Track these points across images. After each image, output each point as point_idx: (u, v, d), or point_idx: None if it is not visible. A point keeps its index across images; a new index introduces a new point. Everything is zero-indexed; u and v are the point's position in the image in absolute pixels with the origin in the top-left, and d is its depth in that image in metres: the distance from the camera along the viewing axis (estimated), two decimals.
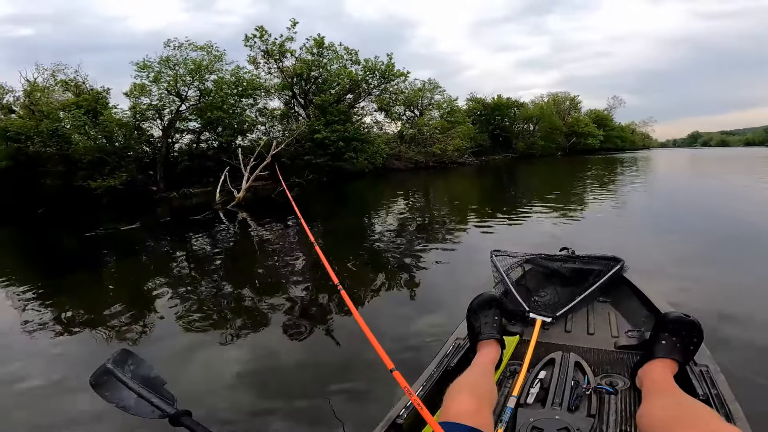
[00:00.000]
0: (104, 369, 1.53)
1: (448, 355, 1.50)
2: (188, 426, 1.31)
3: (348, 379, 2.03)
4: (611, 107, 54.19)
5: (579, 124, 42.80)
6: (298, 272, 4.39)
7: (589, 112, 48.89)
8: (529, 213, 6.80)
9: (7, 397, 2.16)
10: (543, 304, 1.92)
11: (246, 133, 20.19)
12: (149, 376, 1.51)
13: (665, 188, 10.94)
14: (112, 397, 1.42)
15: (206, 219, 8.94)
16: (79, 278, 4.98)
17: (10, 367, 2.51)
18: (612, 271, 2.03)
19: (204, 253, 5.85)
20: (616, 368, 1.43)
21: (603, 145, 45.38)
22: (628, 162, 21.21)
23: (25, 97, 18.72)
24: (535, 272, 2.33)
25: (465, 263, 4.15)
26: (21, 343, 2.92)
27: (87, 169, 17.47)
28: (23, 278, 5.23)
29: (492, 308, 1.53)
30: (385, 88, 21.72)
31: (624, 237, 4.87)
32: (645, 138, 66.94)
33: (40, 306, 3.76)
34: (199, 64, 17.67)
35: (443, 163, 24.57)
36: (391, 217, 7.95)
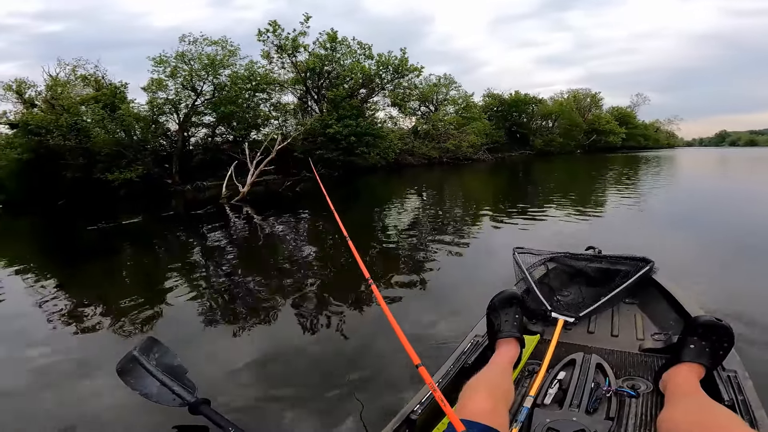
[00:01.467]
0: (131, 356, 1.67)
1: (466, 352, 1.49)
2: (206, 415, 1.40)
3: (365, 372, 2.00)
4: (635, 105, 52.80)
5: (600, 121, 41.64)
6: (308, 264, 4.32)
7: (611, 110, 47.59)
8: (546, 211, 6.51)
9: (25, 381, 2.18)
10: (566, 304, 1.87)
11: (260, 128, 20.32)
12: (173, 365, 1.65)
13: (690, 189, 10.38)
14: (137, 385, 1.57)
15: (208, 213, 8.95)
16: (86, 269, 5.04)
17: (28, 353, 2.54)
18: (641, 272, 1.94)
19: (203, 246, 5.83)
20: (639, 371, 1.39)
21: (625, 143, 44.08)
22: (650, 161, 20.41)
23: (47, 91, 19.24)
24: (559, 271, 2.27)
25: (480, 260, 4.01)
26: (32, 326, 2.98)
27: (105, 162, 17.88)
28: (39, 266, 5.37)
29: (513, 306, 1.51)
30: (399, 83, 21.49)
31: (646, 238, 4.57)
32: (670, 136, 64.87)
33: (51, 293, 3.81)
34: (213, 59, 17.80)
35: (457, 159, 24.21)
36: (404, 212, 7.78)
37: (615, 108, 48.62)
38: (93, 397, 1.96)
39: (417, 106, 27.43)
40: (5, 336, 2.87)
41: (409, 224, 6.31)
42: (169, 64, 18.06)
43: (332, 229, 6.18)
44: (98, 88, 19.50)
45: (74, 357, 2.40)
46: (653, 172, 14.17)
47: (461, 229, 5.75)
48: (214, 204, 10.37)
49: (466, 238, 5.09)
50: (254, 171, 11.30)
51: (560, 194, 8.72)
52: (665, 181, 10.99)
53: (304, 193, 12.48)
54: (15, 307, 3.53)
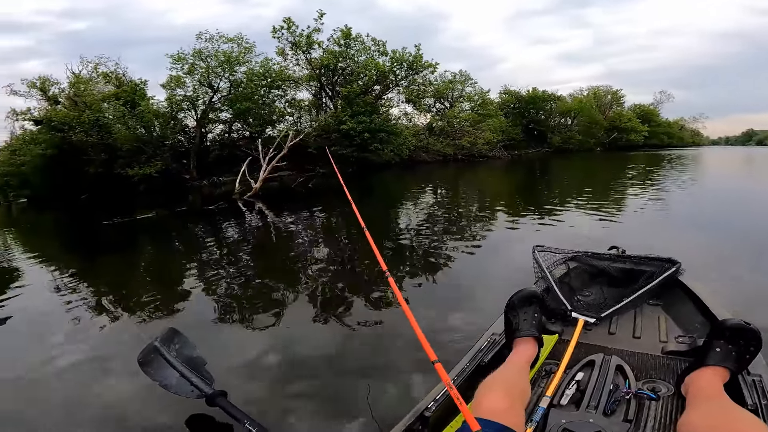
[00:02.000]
0: (152, 347, 1.71)
1: (483, 350, 1.48)
2: (223, 407, 1.42)
3: (379, 367, 1.99)
4: (658, 102, 51.20)
5: (621, 118, 40.60)
6: (319, 259, 4.33)
7: (633, 107, 46.33)
8: (563, 210, 6.32)
9: (45, 372, 2.22)
10: (586, 304, 1.83)
11: (275, 124, 20.46)
12: (192, 356, 1.68)
13: (715, 189, 9.91)
14: (157, 376, 1.60)
15: (220, 209, 9.04)
16: (102, 262, 5.17)
17: (47, 342, 2.59)
18: (666, 274, 1.88)
19: (214, 241, 5.91)
20: (660, 374, 1.35)
21: (647, 141, 42.82)
22: (674, 159, 19.72)
23: (70, 88, 19.77)
24: (580, 270, 2.21)
25: (495, 258, 3.94)
26: (53, 317, 3.07)
27: (126, 158, 18.32)
28: (58, 258, 5.57)
29: (532, 305, 1.48)
30: (413, 79, 21.34)
31: (668, 239, 4.38)
32: (695, 135, 62.79)
33: (68, 284, 3.94)
34: (229, 56, 17.98)
35: (472, 156, 23.93)
36: (418, 209, 7.69)
37: (637, 105, 47.31)
38: (111, 387, 2.00)
39: (432, 103, 27.23)
40: (28, 326, 2.96)
41: (423, 221, 6.22)
42: (186, 62, 18.36)
43: (344, 224, 6.17)
44: (119, 85, 19.96)
45: (90, 347, 2.44)
46: (676, 171, 13.67)
47: (475, 226, 5.64)
48: (226, 200, 10.51)
49: (480, 235, 5.00)
50: (266, 167, 11.37)
51: (578, 193, 8.45)
52: (689, 180, 10.56)
53: (316, 189, 12.53)
54: (36, 298, 3.63)
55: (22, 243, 7.75)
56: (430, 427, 1.14)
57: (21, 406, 1.89)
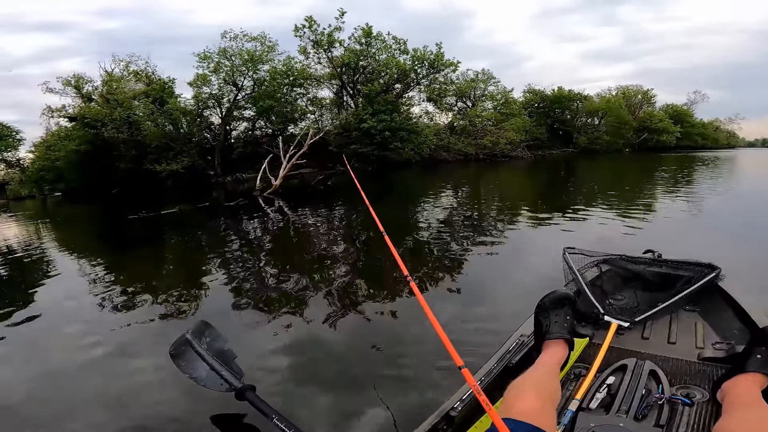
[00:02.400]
0: (183, 339, 1.72)
1: (511, 352, 1.46)
2: (252, 401, 1.43)
3: (403, 370, 1.96)
4: (692, 102, 49.06)
5: (652, 119, 39.12)
6: (338, 258, 4.28)
7: (665, 107, 44.59)
8: (589, 212, 6.01)
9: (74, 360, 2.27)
10: (619, 308, 1.78)
11: (297, 122, 20.69)
12: (223, 349, 1.69)
13: (755, 192, 9.36)
14: (187, 368, 1.61)
15: (240, 205, 9.20)
16: (128, 254, 5.35)
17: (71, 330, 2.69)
18: (706, 279, 1.82)
19: (233, 237, 5.99)
20: (696, 380, 1.31)
21: (680, 142, 41.17)
22: (708, 162, 18.80)
23: (103, 86, 20.54)
24: (613, 274, 2.14)
25: (519, 261, 3.79)
26: (80, 306, 3.17)
27: (155, 154, 18.91)
28: (88, 250, 5.80)
29: (564, 307, 1.44)
30: (434, 78, 21.16)
31: (705, 245, 4.17)
32: (730, 136, 59.97)
33: (96, 275, 4.09)
34: (252, 55, 18.27)
35: (494, 155, 23.57)
36: (438, 209, 7.52)
37: (670, 105, 45.48)
38: (139, 379, 2.02)
39: (454, 102, 26.96)
40: (55, 315, 3.05)
41: (444, 221, 6.09)
42: (212, 60, 18.77)
43: (363, 224, 6.14)
44: (149, 83, 20.61)
45: (113, 339, 2.50)
46: (711, 173, 13.02)
47: (498, 228, 5.44)
48: (247, 196, 10.67)
49: (503, 237, 4.83)
50: (287, 164, 11.50)
51: (605, 195, 8.09)
52: (725, 183, 10.01)
53: (336, 187, 12.57)
54: (63, 287, 3.78)
55: (55, 234, 8.11)
56: (455, 427, 1.14)
57: (48, 395, 1.93)
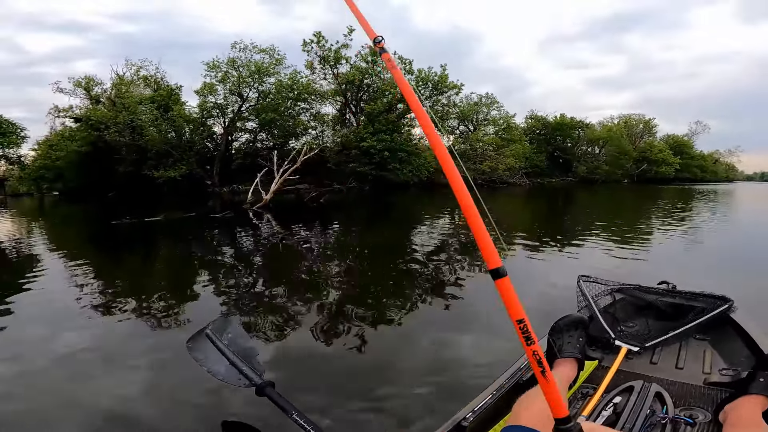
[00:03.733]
0: (203, 334, 1.72)
1: (522, 369, 1.48)
2: (271, 397, 1.45)
3: (393, 387, 1.96)
4: (692, 133, 49.42)
5: (652, 149, 39.42)
6: (312, 281, 4.25)
7: (665, 138, 44.99)
8: (586, 244, 6.04)
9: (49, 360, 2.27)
10: (630, 334, 1.84)
11: (298, 136, 20.86)
12: (245, 346, 1.69)
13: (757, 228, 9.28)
14: (205, 362, 1.61)
15: (225, 218, 9.20)
16: (96, 260, 5.29)
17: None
18: (718, 310, 1.87)
19: (208, 250, 5.95)
20: (700, 403, 1.35)
21: (679, 174, 41.43)
22: (707, 196, 18.80)
23: (112, 89, 20.80)
24: (626, 302, 2.20)
25: (520, 290, 3.80)
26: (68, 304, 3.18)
27: (154, 159, 19.05)
28: (72, 251, 5.78)
29: (577, 330, 1.52)
30: (437, 99, 21.40)
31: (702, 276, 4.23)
32: (729, 169, 60.25)
33: (75, 275, 4.12)
34: (259, 67, 18.52)
35: (492, 181, 23.69)
36: (433, 233, 7.48)
37: (670, 136, 45.87)
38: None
39: (456, 125, 27.20)
40: (33, 316, 3.04)
41: (436, 246, 6.03)
42: (220, 69, 19.02)
43: (344, 242, 6.16)
44: (156, 89, 20.87)
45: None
46: (713, 207, 13.00)
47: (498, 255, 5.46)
48: (237, 209, 10.68)
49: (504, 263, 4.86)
50: (278, 179, 11.57)
51: (600, 227, 8.09)
52: (726, 221, 9.88)
53: (328, 205, 12.59)
54: (50, 285, 3.83)
55: (36, 234, 8.14)
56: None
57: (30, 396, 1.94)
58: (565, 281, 2.44)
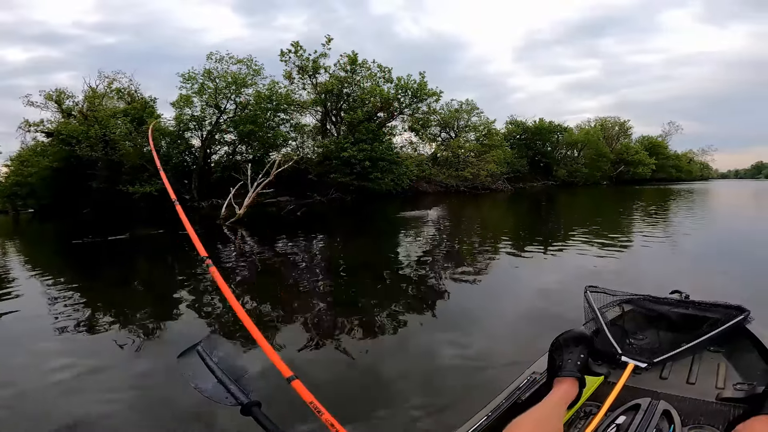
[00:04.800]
0: (194, 351, 1.68)
1: (521, 388, 1.43)
2: (256, 417, 1.38)
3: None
4: (666, 134, 50.86)
5: (629, 151, 40.42)
6: (279, 302, 4.13)
7: (641, 139, 46.18)
8: (569, 246, 6.04)
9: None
10: (639, 348, 1.77)
11: (279, 148, 20.61)
12: (234, 364, 1.63)
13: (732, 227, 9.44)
14: (193, 379, 1.56)
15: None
16: (44, 282, 5.12)
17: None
18: (733, 321, 1.80)
19: (167, 269, 5.80)
20: (711, 420, 1.28)
21: (655, 174, 42.54)
22: (686, 195, 19.28)
23: (85, 102, 20.18)
24: (635, 314, 2.12)
25: (498, 298, 3.75)
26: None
27: (129, 174, 18.50)
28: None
29: (579, 346, 1.45)
30: (417, 107, 21.47)
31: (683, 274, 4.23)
32: (703, 168, 62.23)
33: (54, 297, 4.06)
34: (236, 77, 18.27)
35: (475, 188, 23.84)
36: (418, 242, 7.32)
37: (645, 137, 47.08)
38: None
39: (437, 132, 27.35)
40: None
41: (423, 255, 5.91)
42: (196, 81, 18.67)
43: (319, 256, 6.04)
44: (130, 102, 20.34)
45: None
46: (690, 206, 13.33)
47: (476, 263, 5.31)
48: (204, 224, 10.46)
49: (481, 274, 4.75)
50: (252, 193, 11.41)
51: (587, 229, 8.11)
52: (704, 219, 10.07)
53: (305, 218, 12.42)
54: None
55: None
56: None
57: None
58: (556, 286, 2.38)
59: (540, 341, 1.61)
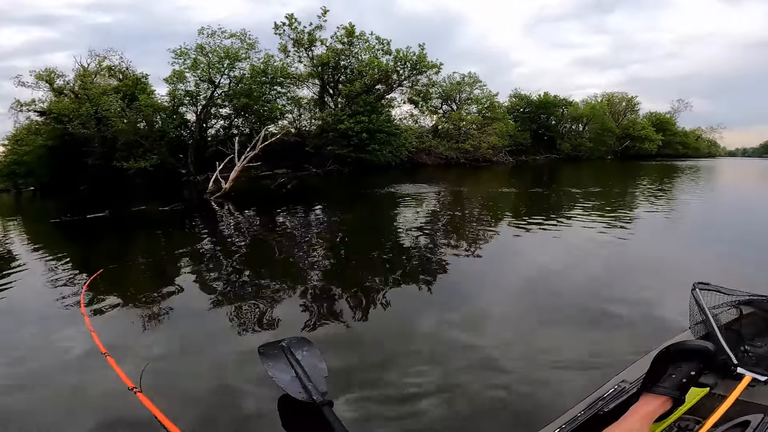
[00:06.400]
0: (278, 345, 1.88)
1: (605, 399, 1.27)
2: (326, 416, 1.46)
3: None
4: (675, 111, 49.78)
5: (635, 126, 39.57)
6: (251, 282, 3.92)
7: (648, 115, 45.16)
8: (573, 223, 5.78)
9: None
10: (757, 357, 1.54)
11: (276, 121, 20.23)
12: (315, 365, 1.79)
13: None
14: (273, 369, 1.73)
15: (174, 210, 8.77)
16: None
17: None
18: None
19: (143, 246, 5.59)
20: None
21: (662, 150, 41.72)
22: (686, 170, 18.81)
23: (77, 81, 19.83)
24: (757, 317, 1.84)
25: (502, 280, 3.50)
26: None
27: (124, 151, 18.29)
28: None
29: (692, 362, 1.21)
30: (416, 79, 20.92)
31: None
32: (711, 145, 61.06)
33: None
34: (228, 51, 17.80)
35: (476, 160, 23.41)
36: (417, 219, 6.77)
37: (653, 113, 46.06)
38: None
39: (439, 104, 26.78)
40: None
41: (420, 231, 5.52)
42: (189, 57, 18.21)
43: (294, 234, 5.80)
44: (122, 79, 19.98)
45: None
46: (689, 182, 12.92)
47: (472, 239, 5.02)
48: (186, 200, 10.26)
49: (482, 247, 4.57)
50: (239, 167, 11.17)
51: (595, 207, 7.67)
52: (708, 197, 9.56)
53: (294, 191, 12.13)
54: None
55: None
56: None
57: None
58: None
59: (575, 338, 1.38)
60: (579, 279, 3.27)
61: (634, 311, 2.51)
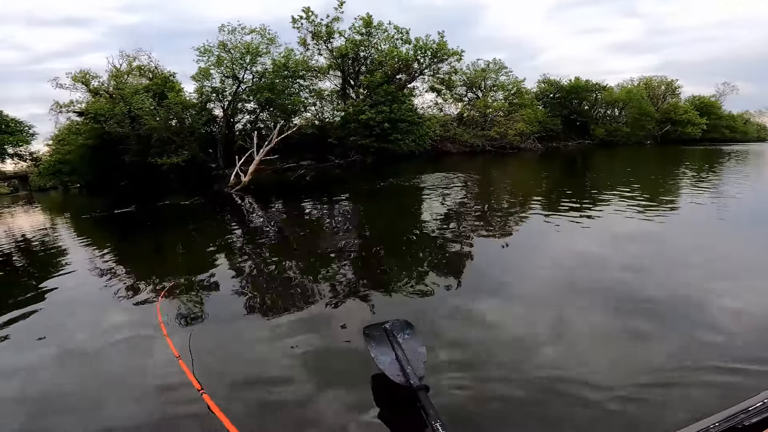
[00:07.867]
0: (381, 327, 1.95)
1: (750, 411, 1.10)
2: (421, 400, 1.48)
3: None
4: (720, 94, 46.43)
5: (676, 110, 37.17)
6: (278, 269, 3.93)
7: (691, 99, 42.34)
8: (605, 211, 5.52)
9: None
10: None
11: (299, 113, 20.43)
12: (415, 349, 1.83)
13: None
14: (374, 350, 1.80)
15: (194, 204, 9.06)
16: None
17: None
18: None
19: (163, 241, 5.79)
20: None
21: (706, 134, 39.00)
22: (740, 156, 17.23)
23: (110, 81, 20.77)
24: None
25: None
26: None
27: (158, 147, 19.03)
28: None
29: None
30: (437, 68, 20.50)
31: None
32: (761, 129, 56.58)
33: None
34: (249, 47, 18.06)
35: (502, 147, 22.72)
36: (441, 211, 6.53)
37: (696, 97, 43.14)
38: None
39: (464, 92, 26.19)
40: None
41: (437, 229, 5.23)
42: (212, 54, 18.64)
43: (306, 226, 5.78)
44: (152, 78, 20.74)
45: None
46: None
47: (501, 228, 4.94)
48: (206, 193, 10.54)
49: (512, 232, 4.52)
50: (257, 160, 11.32)
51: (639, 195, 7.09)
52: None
53: (314, 183, 12.18)
54: None
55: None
56: None
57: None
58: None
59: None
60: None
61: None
